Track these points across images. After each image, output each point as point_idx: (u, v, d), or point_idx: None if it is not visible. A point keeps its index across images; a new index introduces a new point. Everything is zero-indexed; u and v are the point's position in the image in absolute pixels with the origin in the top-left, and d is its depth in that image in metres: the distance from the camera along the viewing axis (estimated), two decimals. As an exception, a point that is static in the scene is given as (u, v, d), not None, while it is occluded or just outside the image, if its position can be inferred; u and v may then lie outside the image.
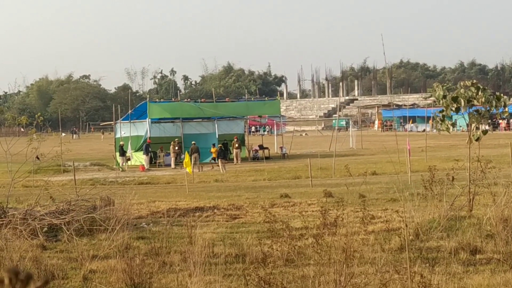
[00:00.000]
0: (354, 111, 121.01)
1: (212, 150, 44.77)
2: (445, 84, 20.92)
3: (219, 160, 41.57)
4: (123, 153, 44.65)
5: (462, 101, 19.01)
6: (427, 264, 12.90)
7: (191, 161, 33.31)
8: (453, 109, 19.04)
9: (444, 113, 19.45)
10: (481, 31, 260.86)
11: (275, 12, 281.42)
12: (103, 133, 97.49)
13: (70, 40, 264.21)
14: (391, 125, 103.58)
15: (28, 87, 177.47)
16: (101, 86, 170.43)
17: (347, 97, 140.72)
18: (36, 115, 24.47)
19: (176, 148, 45.43)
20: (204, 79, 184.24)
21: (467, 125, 20.16)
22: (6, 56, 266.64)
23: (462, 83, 19.79)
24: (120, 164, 43.98)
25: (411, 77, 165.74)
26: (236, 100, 61.79)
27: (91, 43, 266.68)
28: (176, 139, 46.03)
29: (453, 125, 19.79)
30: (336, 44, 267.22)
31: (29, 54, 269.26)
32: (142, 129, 48.32)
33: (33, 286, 1.54)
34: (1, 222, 17.12)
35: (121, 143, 45.76)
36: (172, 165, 44.52)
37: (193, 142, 44.10)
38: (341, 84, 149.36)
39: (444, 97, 19.18)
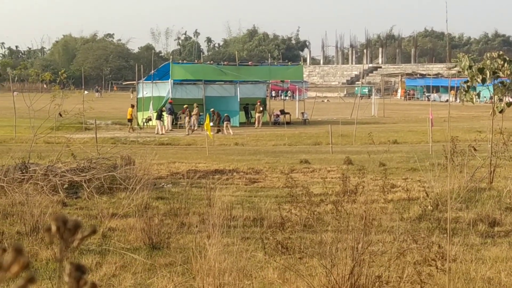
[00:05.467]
0: (377, 79, 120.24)
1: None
2: (470, 55, 20.69)
3: (225, 123, 42.20)
4: (160, 116, 43.85)
5: (488, 72, 18.83)
6: (445, 235, 12.88)
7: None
8: (479, 80, 18.87)
9: (469, 83, 19.30)
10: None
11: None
12: (132, 92, 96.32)
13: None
14: (414, 94, 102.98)
15: (53, 44, 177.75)
16: (124, 46, 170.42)
17: (370, 65, 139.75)
18: (59, 72, 24.55)
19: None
20: (227, 42, 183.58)
21: (491, 97, 19.98)
22: (31, 14, 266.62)
23: (488, 54, 19.58)
24: (160, 129, 42.77)
25: (437, 46, 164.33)
26: (259, 64, 61.47)
27: (117, 2, 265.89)
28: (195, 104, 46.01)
29: (478, 96, 19.63)
30: (362, 10, 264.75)
31: (55, 13, 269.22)
32: (164, 89, 48.31)
33: (80, 235, 1.54)
34: (23, 177, 17.28)
35: (167, 104, 44.98)
36: (195, 127, 44.56)
37: (196, 105, 44.59)
38: (365, 51, 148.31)
39: (470, 67, 19.00)
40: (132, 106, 45.93)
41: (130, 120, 44.56)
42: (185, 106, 43.92)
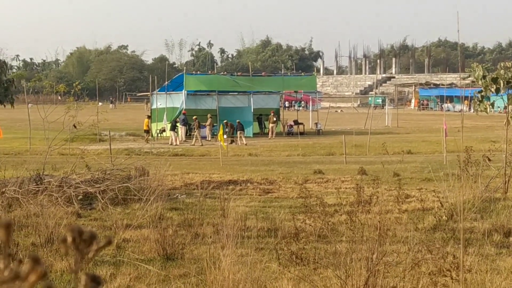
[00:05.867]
0: (391, 89, 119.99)
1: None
2: (484, 65, 20.67)
3: (239, 132, 42.38)
4: (174, 127, 43.94)
5: (502, 82, 18.78)
6: (460, 245, 12.82)
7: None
8: (493, 90, 18.82)
9: (483, 93, 19.25)
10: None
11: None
12: (146, 104, 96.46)
13: (109, 9, 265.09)
14: (427, 104, 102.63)
15: (68, 56, 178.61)
16: (139, 57, 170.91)
17: (384, 75, 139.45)
18: (74, 84, 24.69)
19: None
20: (240, 53, 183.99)
21: (505, 106, 19.92)
22: (46, 26, 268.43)
23: (502, 64, 19.53)
24: (174, 140, 42.82)
25: (451, 56, 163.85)
26: (273, 74, 61.51)
27: (130, 14, 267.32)
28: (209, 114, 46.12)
29: (492, 105, 19.58)
30: (375, 21, 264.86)
31: (69, 25, 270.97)
32: (178, 100, 48.40)
33: (96, 246, 1.55)
34: (38, 189, 17.35)
35: (181, 115, 45.07)
36: (208, 138, 44.52)
37: (209, 116, 44.90)
38: (378, 61, 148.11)
39: (484, 77, 18.96)
40: (149, 117, 46.26)
41: (146, 131, 44.80)
42: (194, 117, 43.78)
